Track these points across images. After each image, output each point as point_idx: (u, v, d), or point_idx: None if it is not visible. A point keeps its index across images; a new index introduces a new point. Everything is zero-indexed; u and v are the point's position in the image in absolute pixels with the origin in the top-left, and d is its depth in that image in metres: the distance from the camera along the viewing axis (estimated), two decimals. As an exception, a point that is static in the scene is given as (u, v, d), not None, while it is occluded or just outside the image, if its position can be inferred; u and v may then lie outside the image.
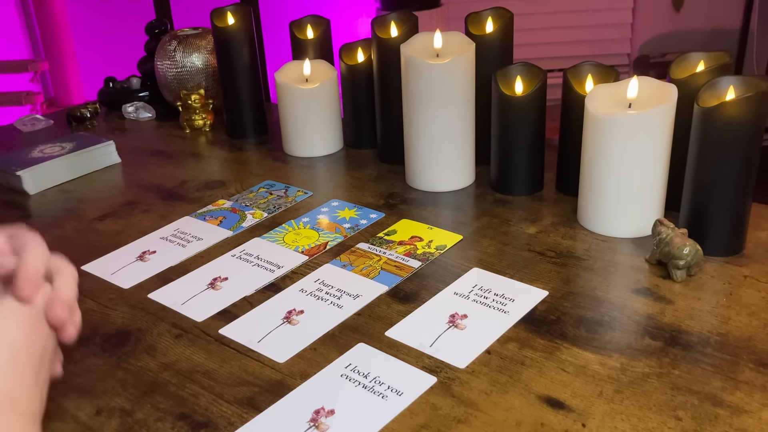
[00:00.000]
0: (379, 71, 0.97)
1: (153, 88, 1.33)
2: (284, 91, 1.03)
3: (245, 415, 0.55)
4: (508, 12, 0.93)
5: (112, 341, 0.65)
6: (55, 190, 1.00)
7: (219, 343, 0.64)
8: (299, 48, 1.10)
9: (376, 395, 0.56)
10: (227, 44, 1.09)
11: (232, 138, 1.15)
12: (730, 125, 0.67)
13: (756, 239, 0.75)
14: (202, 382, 0.59)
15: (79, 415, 0.56)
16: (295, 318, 0.67)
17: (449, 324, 0.65)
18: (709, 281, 0.69)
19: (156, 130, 1.23)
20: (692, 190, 0.72)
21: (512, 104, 0.84)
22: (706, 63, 0.77)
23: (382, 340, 0.63)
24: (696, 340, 0.60)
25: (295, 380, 0.59)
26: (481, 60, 0.89)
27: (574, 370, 0.58)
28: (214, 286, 0.73)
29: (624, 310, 0.65)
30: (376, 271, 0.74)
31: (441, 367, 0.59)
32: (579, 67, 0.84)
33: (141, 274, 0.76)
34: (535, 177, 0.88)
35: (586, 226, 0.80)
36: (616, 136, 0.73)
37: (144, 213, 0.91)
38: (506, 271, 0.72)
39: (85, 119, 1.23)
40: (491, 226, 0.82)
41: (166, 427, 0.55)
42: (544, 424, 0.53)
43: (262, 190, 0.95)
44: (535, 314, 0.65)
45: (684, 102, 0.72)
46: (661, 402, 0.54)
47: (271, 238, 0.82)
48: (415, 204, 0.88)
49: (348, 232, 0.82)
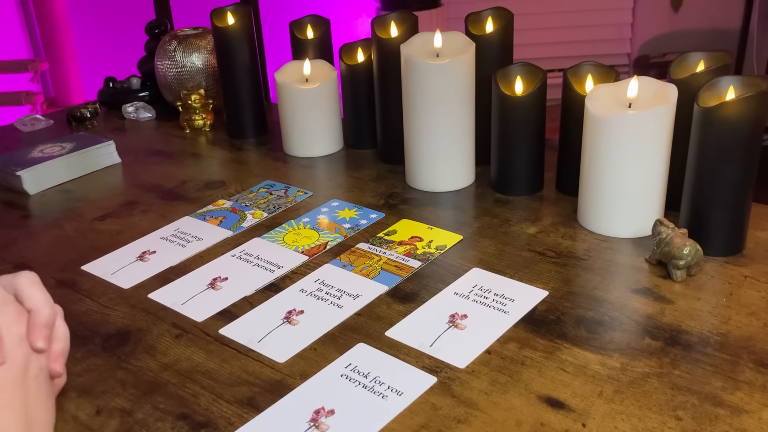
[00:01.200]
0: (379, 71, 0.97)
1: (153, 88, 1.33)
2: (284, 91, 1.03)
3: (245, 415, 0.55)
4: (508, 12, 0.93)
5: (112, 341, 0.65)
6: (55, 190, 1.00)
7: (219, 343, 0.64)
8: (299, 48, 1.10)
9: (376, 395, 0.56)
10: (227, 44, 1.09)
11: (232, 138, 1.15)
12: (730, 125, 0.67)
13: (756, 239, 0.75)
14: (202, 382, 0.59)
15: (79, 415, 0.56)
16: (295, 318, 0.67)
17: (449, 324, 0.65)
18: (709, 281, 0.69)
19: (156, 130, 1.23)
20: (692, 190, 0.72)
21: (512, 104, 0.84)
22: (706, 63, 0.77)
23: (382, 340, 0.63)
24: (696, 340, 0.60)
25: (295, 380, 0.59)
26: (481, 60, 0.89)
27: (574, 370, 0.58)
28: (214, 286, 0.73)
29: (624, 310, 0.65)
30: (376, 271, 0.74)
31: (441, 367, 0.59)
32: (579, 67, 0.84)
33: (141, 274, 0.76)
34: (535, 177, 0.88)
35: (586, 226, 0.80)
36: (616, 136, 0.73)
37: (144, 213, 0.91)
38: (506, 271, 0.72)
39: (85, 119, 1.23)
40: (491, 226, 0.82)
41: (166, 427, 0.55)
42: (544, 424, 0.53)
43: (262, 190, 0.95)
44: (535, 314, 0.65)
45: (684, 102, 0.72)
46: (661, 402, 0.54)
47: (271, 238, 0.82)
48: (415, 204, 0.88)
49: (348, 232, 0.82)
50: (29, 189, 0.99)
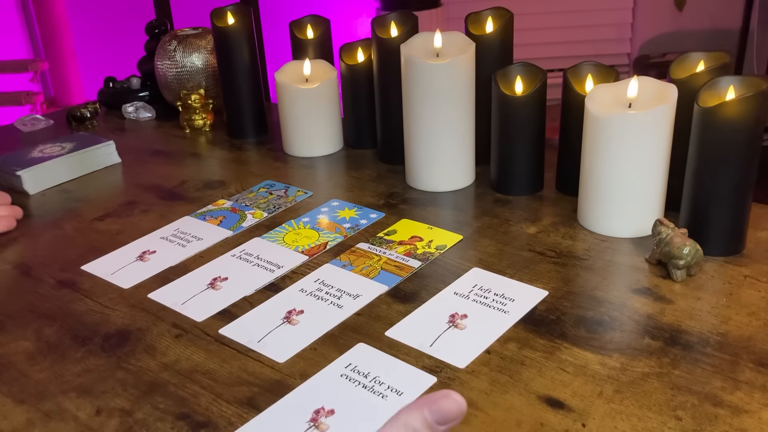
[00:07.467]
0: (379, 71, 0.97)
1: (153, 88, 1.33)
2: (284, 91, 1.03)
3: (245, 415, 0.55)
4: (508, 12, 0.93)
5: (112, 341, 0.65)
6: (55, 190, 1.00)
7: (219, 343, 0.64)
8: (299, 48, 1.10)
9: (376, 395, 0.56)
10: (227, 44, 1.09)
11: (232, 138, 1.15)
12: (730, 125, 0.67)
13: (756, 239, 0.75)
14: (202, 382, 0.59)
15: (79, 415, 0.56)
16: (295, 318, 0.67)
17: (449, 324, 0.65)
18: (709, 281, 0.69)
19: (156, 130, 1.23)
20: (692, 190, 0.72)
21: (512, 104, 0.84)
22: (706, 63, 0.77)
23: (382, 340, 0.63)
24: (696, 340, 0.60)
25: (295, 380, 0.59)
26: (481, 60, 0.89)
27: (574, 370, 0.58)
28: (214, 286, 0.73)
29: (624, 310, 0.65)
30: (376, 271, 0.74)
31: (441, 367, 0.59)
32: (579, 67, 0.84)
33: (141, 274, 0.76)
34: (535, 177, 0.88)
35: (586, 226, 0.80)
36: (616, 136, 0.73)
37: (144, 213, 0.91)
38: (506, 271, 0.72)
39: (85, 119, 1.23)
40: (491, 226, 0.82)
41: (166, 427, 0.55)
42: (544, 424, 0.53)
43: (262, 190, 0.95)
44: (535, 314, 0.65)
45: (684, 102, 0.72)
46: (661, 402, 0.54)
47: (271, 238, 0.82)
48: (415, 204, 0.88)
49: (348, 232, 0.82)
50: (29, 189, 0.99)
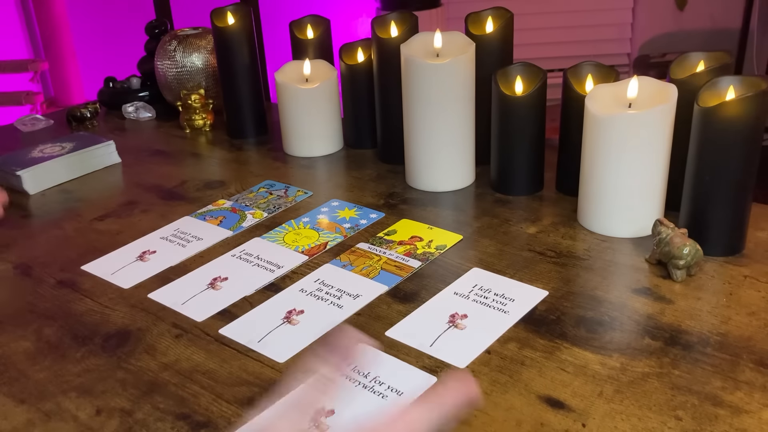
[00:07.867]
0: (379, 71, 0.97)
1: (153, 88, 1.33)
2: (284, 91, 1.03)
3: (245, 415, 0.55)
4: (508, 12, 0.93)
5: (112, 341, 0.65)
6: (55, 190, 1.00)
7: (219, 343, 0.64)
8: (299, 48, 1.10)
9: (376, 395, 0.56)
10: (227, 44, 1.09)
11: (232, 138, 1.15)
12: (730, 125, 0.67)
13: (756, 239, 0.75)
14: (202, 382, 0.59)
15: (79, 415, 0.56)
16: (295, 318, 0.67)
17: (449, 324, 0.65)
18: (709, 281, 0.69)
19: (156, 130, 1.23)
20: (692, 190, 0.72)
21: (512, 104, 0.84)
22: (706, 63, 0.77)
23: (382, 340, 0.63)
24: (696, 340, 0.60)
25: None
26: (481, 60, 0.89)
27: (574, 370, 0.58)
28: (214, 286, 0.73)
29: (624, 310, 0.65)
30: (376, 271, 0.74)
31: (441, 367, 0.59)
32: (579, 67, 0.84)
33: (141, 274, 0.76)
34: (535, 177, 0.88)
35: (586, 226, 0.80)
36: (616, 136, 0.73)
37: (144, 213, 0.91)
38: (506, 271, 0.72)
39: (85, 119, 1.23)
40: (491, 226, 0.82)
41: (166, 427, 0.55)
42: (544, 424, 0.53)
43: (262, 190, 0.95)
44: (535, 314, 0.65)
45: (684, 102, 0.72)
46: (661, 402, 0.54)
47: (271, 238, 0.82)
48: (415, 204, 0.88)
49: (348, 232, 0.82)
50: (29, 189, 0.99)
